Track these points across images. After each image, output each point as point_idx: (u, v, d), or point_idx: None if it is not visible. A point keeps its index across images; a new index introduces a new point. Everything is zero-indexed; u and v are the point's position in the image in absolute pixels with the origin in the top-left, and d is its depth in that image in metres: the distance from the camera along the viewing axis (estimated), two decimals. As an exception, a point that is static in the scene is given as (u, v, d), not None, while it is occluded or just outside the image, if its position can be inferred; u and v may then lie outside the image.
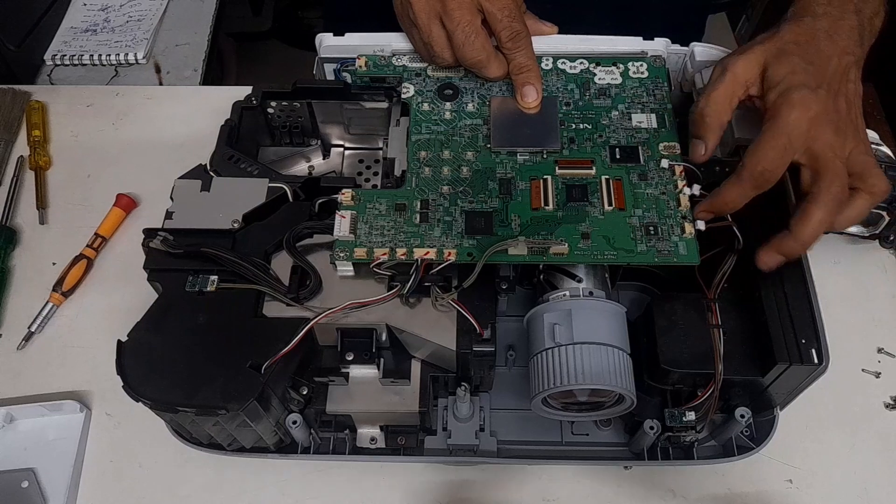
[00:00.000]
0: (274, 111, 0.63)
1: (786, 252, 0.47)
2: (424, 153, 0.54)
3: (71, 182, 0.73)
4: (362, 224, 0.50)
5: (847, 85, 0.49)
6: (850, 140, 0.47)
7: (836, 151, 0.46)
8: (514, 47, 0.55)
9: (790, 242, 0.46)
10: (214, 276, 0.50)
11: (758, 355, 0.48)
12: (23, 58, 0.88)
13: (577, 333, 0.46)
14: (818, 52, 0.48)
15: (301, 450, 0.54)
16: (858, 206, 0.47)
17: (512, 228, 0.50)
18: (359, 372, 0.51)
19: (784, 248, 0.47)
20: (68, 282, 0.65)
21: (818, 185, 0.46)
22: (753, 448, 0.53)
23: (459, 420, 0.53)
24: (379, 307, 0.49)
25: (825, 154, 0.46)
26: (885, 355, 0.62)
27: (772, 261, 0.47)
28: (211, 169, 0.55)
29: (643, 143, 0.54)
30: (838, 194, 0.46)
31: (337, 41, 0.62)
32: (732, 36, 1.61)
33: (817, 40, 0.49)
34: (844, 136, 0.47)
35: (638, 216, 0.50)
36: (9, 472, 0.56)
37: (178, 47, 0.92)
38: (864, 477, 0.57)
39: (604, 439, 0.56)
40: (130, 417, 0.59)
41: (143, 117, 0.78)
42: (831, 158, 0.46)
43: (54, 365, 0.63)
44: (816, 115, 0.46)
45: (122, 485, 0.57)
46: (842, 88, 0.48)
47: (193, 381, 0.46)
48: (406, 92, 0.57)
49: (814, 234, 0.46)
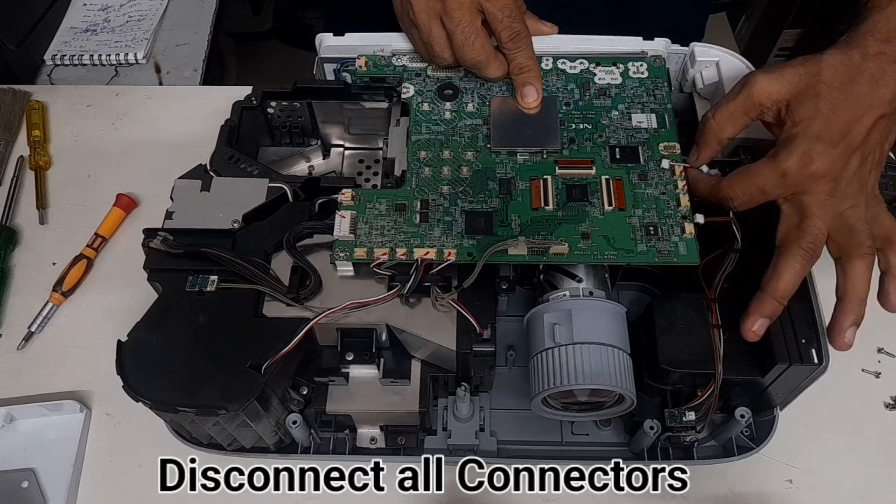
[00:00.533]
0: (274, 111, 0.63)
1: (766, 313, 0.46)
2: (424, 153, 0.54)
3: (71, 182, 0.73)
4: (362, 224, 0.50)
5: (869, 142, 0.46)
6: (847, 199, 0.46)
7: (825, 209, 0.45)
8: (515, 47, 0.55)
9: (767, 301, 0.45)
10: (214, 276, 0.50)
11: (758, 355, 0.48)
12: (23, 58, 0.88)
13: (577, 333, 0.46)
14: (852, 101, 0.45)
15: (301, 450, 0.54)
16: (854, 269, 0.46)
17: (512, 228, 0.50)
18: (359, 372, 0.51)
19: (763, 309, 0.46)
20: (68, 282, 0.65)
21: (790, 238, 0.45)
22: (753, 448, 0.53)
23: (459, 420, 0.53)
24: (379, 307, 0.49)
25: (810, 209, 0.45)
26: (885, 355, 0.62)
27: (756, 326, 0.46)
28: (211, 169, 0.55)
29: (643, 143, 0.54)
30: (810, 248, 0.45)
31: (337, 41, 0.62)
32: (732, 36, 1.61)
33: (857, 84, 0.45)
34: (843, 195, 0.45)
35: (638, 216, 0.50)
36: (9, 472, 0.56)
37: (178, 47, 0.92)
38: (864, 477, 0.57)
39: (604, 439, 0.56)
40: (130, 417, 0.59)
41: (143, 117, 0.78)
42: (815, 214, 0.45)
43: (54, 365, 0.63)
44: (816, 170, 0.44)
45: (122, 485, 0.57)
46: (863, 146, 0.45)
47: (193, 381, 0.46)
48: (406, 92, 0.57)
49: (787, 289, 0.45)
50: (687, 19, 0.85)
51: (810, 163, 0.44)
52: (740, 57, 0.60)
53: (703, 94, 0.61)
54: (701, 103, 0.61)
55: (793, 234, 0.46)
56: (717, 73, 0.59)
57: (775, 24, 1.47)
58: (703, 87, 0.60)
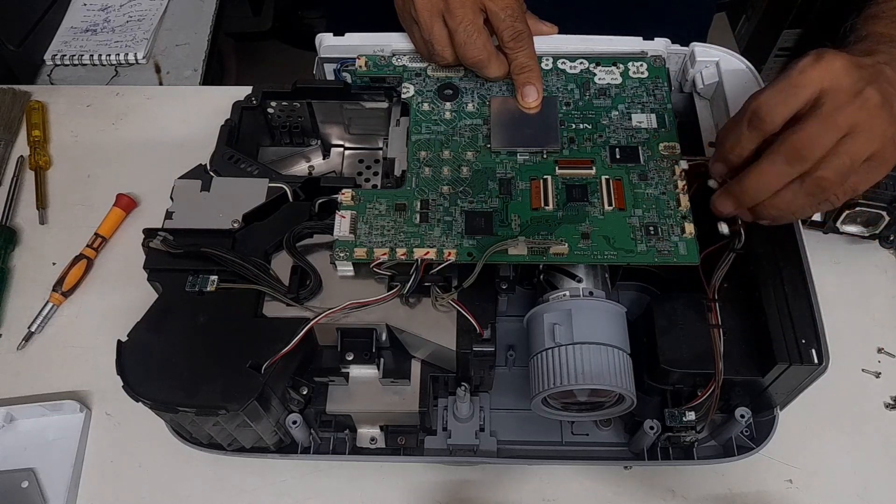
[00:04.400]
0: (274, 111, 0.63)
1: (735, 195, 0.45)
2: (424, 153, 0.54)
3: (71, 182, 0.73)
4: (362, 224, 0.50)
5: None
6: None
7: (843, 112, 0.42)
8: (517, 47, 0.55)
9: (735, 185, 0.45)
10: (214, 276, 0.50)
11: (758, 355, 0.48)
12: (23, 58, 0.88)
13: (577, 333, 0.46)
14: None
15: (301, 450, 0.54)
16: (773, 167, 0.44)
17: (512, 228, 0.50)
18: (359, 372, 0.51)
19: (733, 190, 0.46)
20: (68, 282, 0.65)
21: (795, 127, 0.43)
22: (753, 448, 0.53)
23: (459, 420, 0.53)
24: (379, 307, 0.49)
25: (827, 103, 0.42)
26: (885, 355, 0.62)
27: (722, 206, 0.46)
28: (211, 169, 0.55)
29: (643, 143, 0.54)
30: (786, 152, 0.43)
31: (337, 41, 0.62)
32: (732, 36, 1.61)
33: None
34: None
35: (638, 216, 0.50)
36: (9, 472, 0.56)
37: (178, 47, 0.92)
38: (864, 477, 0.57)
39: (604, 439, 0.56)
40: (130, 417, 0.59)
41: (143, 117, 0.78)
42: (829, 112, 0.42)
43: (54, 365, 0.63)
44: (840, 69, 0.42)
45: (122, 485, 0.57)
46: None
47: (193, 381, 0.46)
48: (406, 92, 0.57)
49: (756, 186, 0.44)
50: (690, 19, 0.85)
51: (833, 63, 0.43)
52: (740, 57, 0.60)
53: (703, 94, 0.61)
54: (701, 103, 0.61)
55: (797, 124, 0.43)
56: (717, 73, 0.59)
57: (775, 24, 1.47)
58: (703, 87, 0.60)
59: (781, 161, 0.43)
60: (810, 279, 0.49)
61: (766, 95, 0.44)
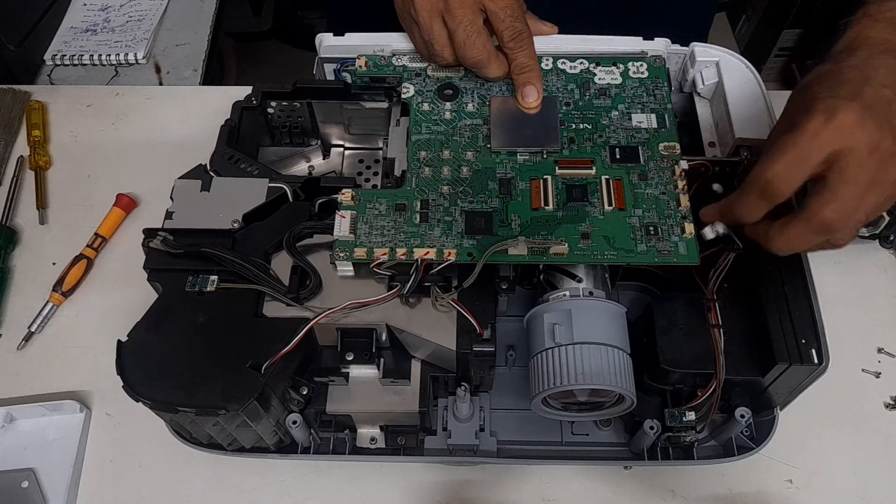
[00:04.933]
0: (274, 111, 0.63)
1: (757, 240, 0.45)
2: (424, 153, 0.54)
3: (71, 182, 0.73)
4: (362, 224, 0.50)
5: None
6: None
7: (861, 165, 0.41)
8: (517, 47, 0.55)
9: (759, 239, 0.45)
10: (214, 276, 0.50)
11: (758, 355, 0.48)
12: (23, 58, 0.88)
13: (577, 333, 0.46)
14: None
15: (301, 450, 0.54)
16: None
17: (512, 228, 0.50)
18: (359, 372, 0.51)
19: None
20: (68, 282, 0.65)
21: (824, 187, 0.41)
22: (753, 448, 0.53)
23: (459, 420, 0.53)
24: (379, 307, 0.49)
25: (848, 165, 0.41)
26: (885, 355, 0.62)
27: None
28: (211, 169, 0.55)
29: (643, 143, 0.53)
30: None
31: (337, 41, 0.62)
32: (732, 36, 1.61)
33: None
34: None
35: (638, 216, 0.50)
36: (9, 472, 0.56)
37: (178, 47, 0.92)
38: (864, 477, 0.57)
39: (604, 439, 0.56)
40: (130, 417, 0.59)
41: (143, 117, 0.78)
42: (854, 170, 0.41)
43: (54, 365, 0.63)
44: (845, 123, 0.41)
45: (122, 485, 0.57)
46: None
47: (193, 381, 0.46)
48: (406, 92, 0.57)
49: (782, 248, 0.44)
50: (690, 19, 0.85)
51: (835, 115, 0.41)
52: (740, 57, 0.60)
53: (703, 94, 0.61)
54: (701, 103, 0.61)
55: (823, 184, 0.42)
56: (717, 73, 0.59)
57: (775, 24, 1.47)
58: (703, 87, 0.60)
59: (812, 232, 0.43)
60: (810, 279, 0.49)
61: (778, 167, 0.42)
